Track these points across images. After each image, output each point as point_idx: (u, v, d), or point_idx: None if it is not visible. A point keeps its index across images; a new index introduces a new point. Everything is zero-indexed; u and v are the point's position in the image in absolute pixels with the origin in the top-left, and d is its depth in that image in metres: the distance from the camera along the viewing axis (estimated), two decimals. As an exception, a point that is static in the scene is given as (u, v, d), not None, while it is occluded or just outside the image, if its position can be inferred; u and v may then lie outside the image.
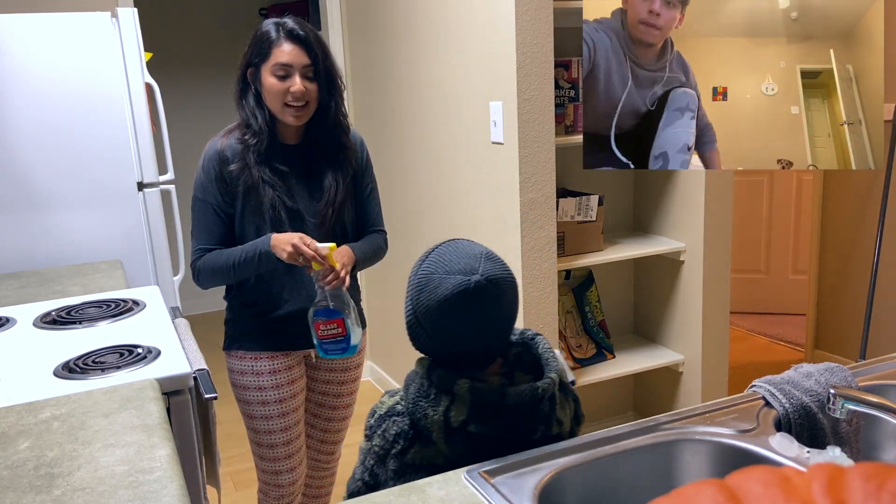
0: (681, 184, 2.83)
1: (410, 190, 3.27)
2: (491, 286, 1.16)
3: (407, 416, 1.20)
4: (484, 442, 1.16)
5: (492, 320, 1.19)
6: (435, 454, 1.18)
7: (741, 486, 0.62)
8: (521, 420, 1.16)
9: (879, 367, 1.46)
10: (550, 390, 1.19)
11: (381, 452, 1.21)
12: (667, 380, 3.03)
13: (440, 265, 1.20)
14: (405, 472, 1.18)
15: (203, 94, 5.16)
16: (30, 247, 2.66)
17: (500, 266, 1.20)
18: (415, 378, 1.21)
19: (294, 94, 1.83)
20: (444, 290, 1.17)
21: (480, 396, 1.15)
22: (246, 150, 1.89)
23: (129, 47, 2.70)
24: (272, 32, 1.85)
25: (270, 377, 2.00)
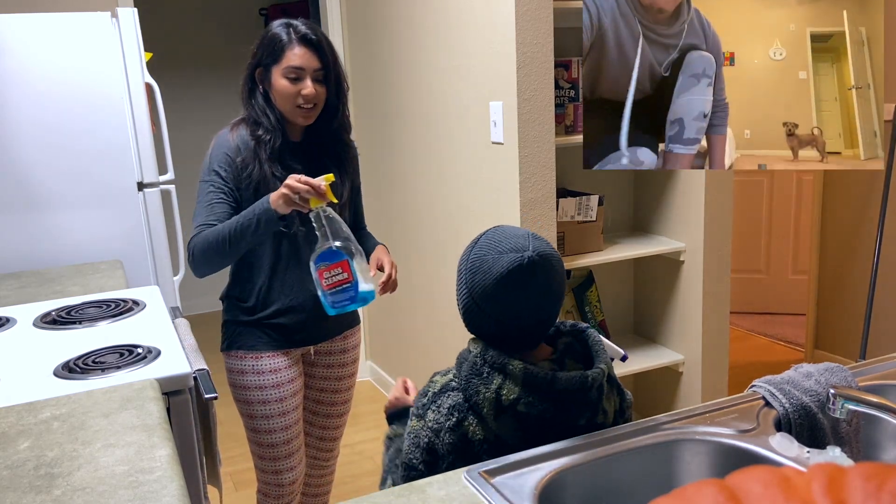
0: (681, 184, 2.83)
1: (410, 190, 3.27)
2: (543, 261, 1.23)
3: (460, 392, 1.24)
4: (531, 422, 1.20)
5: (545, 294, 1.24)
6: (486, 430, 1.22)
7: (741, 486, 0.62)
8: (568, 405, 1.21)
9: (879, 367, 1.46)
10: (599, 380, 1.23)
11: (436, 426, 1.24)
12: (667, 380, 3.03)
13: (491, 247, 1.25)
14: (464, 445, 1.22)
15: (203, 94, 5.16)
16: (30, 247, 2.66)
17: (546, 243, 1.27)
18: (468, 356, 1.26)
19: (305, 97, 1.87)
20: (500, 267, 1.22)
21: (532, 377, 1.19)
22: (258, 147, 1.91)
23: (129, 47, 2.70)
24: (284, 35, 1.87)
25: (272, 376, 2.01)
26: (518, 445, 1.21)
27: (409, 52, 3.10)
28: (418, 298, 3.35)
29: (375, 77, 3.46)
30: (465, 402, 1.23)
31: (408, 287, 3.45)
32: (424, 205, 3.17)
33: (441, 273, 3.09)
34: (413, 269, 3.37)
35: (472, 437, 1.21)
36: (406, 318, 3.49)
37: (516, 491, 1.08)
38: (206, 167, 1.96)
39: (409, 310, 3.45)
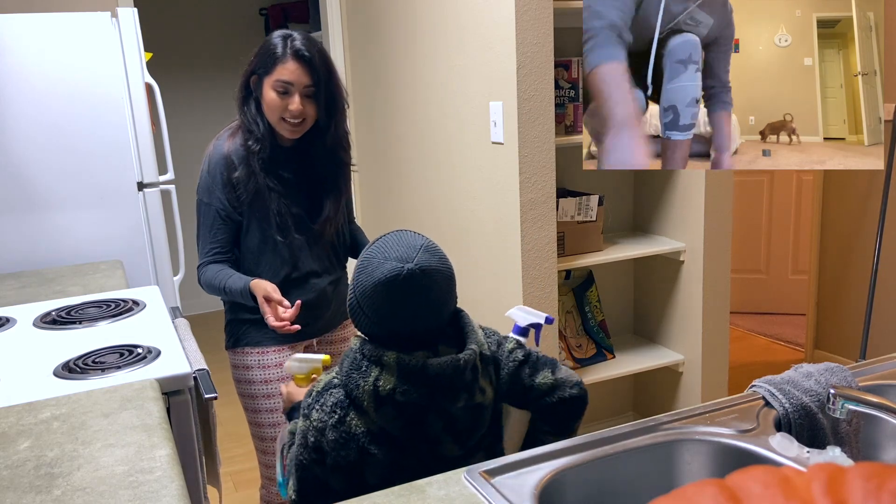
0: (681, 184, 2.83)
1: (410, 190, 3.27)
2: (422, 275, 1.24)
3: (341, 388, 1.27)
4: (410, 410, 1.23)
5: (420, 306, 1.26)
6: (369, 422, 1.25)
7: (741, 486, 0.62)
8: (444, 389, 1.24)
9: (879, 367, 1.46)
10: (472, 361, 1.27)
11: (320, 425, 1.27)
12: (667, 380, 3.03)
13: (381, 251, 1.28)
14: (345, 440, 1.25)
15: (203, 94, 5.16)
16: (30, 247, 2.66)
17: (436, 258, 1.28)
18: (349, 353, 1.29)
19: (291, 113, 1.88)
20: (379, 273, 1.25)
21: (405, 366, 1.22)
22: (250, 156, 1.93)
23: (129, 47, 2.70)
24: (279, 48, 1.87)
25: (277, 370, 2.04)
26: (401, 433, 1.25)
27: (410, 52, 3.10)
28: (418, 298, 3.35)
29: (375, 77, 3.46)
30: (346, 398, 1.26)
31: (408, 287, 3.45)
32: (425, 205, 3.17)
33: (441, 273, 3.09)
34: (413, 269, 3.37)
35: (355, 430, 1.24)
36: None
37: (516, 491, 1.08)
38: (203, 185, 1.99)
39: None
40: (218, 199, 1.95)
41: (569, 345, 2.87)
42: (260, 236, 1.97)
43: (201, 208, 2.00)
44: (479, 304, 2.81)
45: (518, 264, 2.51)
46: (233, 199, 1.95)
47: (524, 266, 2.51)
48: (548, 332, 2.59)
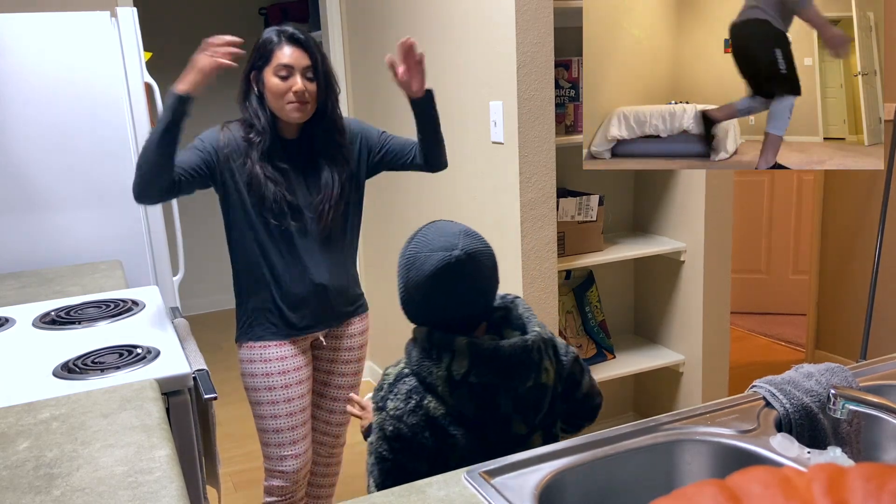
0: (681, 184, 2.83)
1: (410, 190, 3.27)
2: (470, 259, 1.30)
3: (413, 376, 1.32)
4: (483, 391, 1.29)
5: (473, 289, 1.32)
6: (445, 405, 1.30)
7: (742, 486, 0.62)
8: (515, 369, 1.30)
9: (880, 367, 1.46)
10: (538, 342, 1.33)
11: (397, 413, 1.30)
12: (667, 380, 3.03)
13: (424, 244, 1.33)
14: (426, 424, 1.29)
15: (203, 94, 5.16)
16: (30, 247, 2.66)
17: (478, 240, 1.34)
18: (415, 344, 1.34)
19: (296, 93, 1.94)
20: (429, 266, 1.30)
21: (478, 349, 1.28)
22: (249, 148, 1.99)
23: (129, 47, 2.70)
24: (274, 37, 1.97)
25: (278, 363, 2.08)
26: (476, 414, 1.29)
27: (409, 52, 3.10)
28: (418, 298, 3.35)
29: (375, 77, 3.46)
30: (420, 385, 1.31)
31: (408, 287, 3.45)
32: (424, 205, 3.17)
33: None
34: (413, 270, 3.37)
35: (434, 413, 1.29)
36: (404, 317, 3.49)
37: (516, 491, 1.08)
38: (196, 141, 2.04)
39: (409, 310, 3.44)
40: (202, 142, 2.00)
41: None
42: (262, 225, 2.01)
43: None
44: (479, 304, 2.81)
45: (518, 264, 2.51)
46: (214, 159, 1.98)
47: (524, 266, 2.50)
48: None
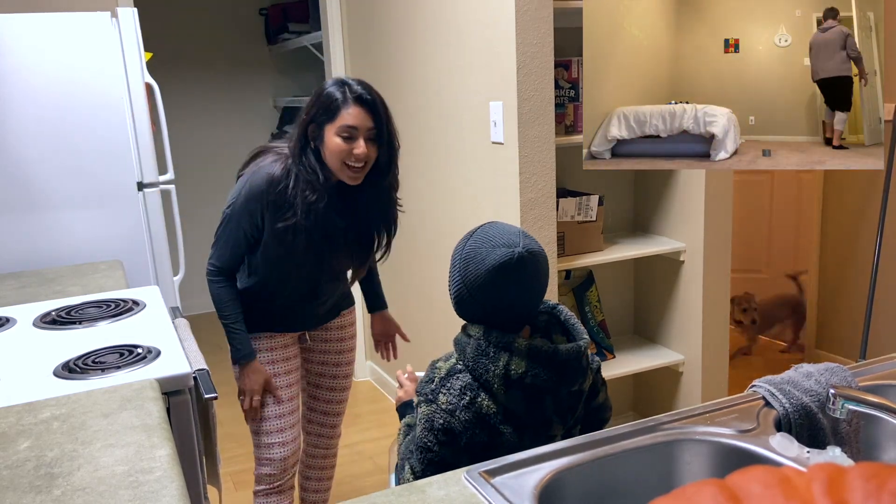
0: (681, 184, 2.83)
1: (410, 190, 3.27)
2: (530, 257, 1.33)
3: (468, 373, 1.35)
4: (536, 392, 1.33)
5: (529, 289, 1.35)
6: (497, 403, 1.33)
7: (741, 486, 0.62)
8: (567, 372, 1.34)
9: (879, 367, 1.46)
10: (587, 349, 1.39)
11: (450, 407, 1.33)
12: (667, 380, 3.03)
13: (485, 241, 1.35)
14: (479, 420, 1.32)
15: (203, 95, 5.16)
16: (30, 247, 2.66)
17: (535, 242, 1.38)
18: (469, 341, 1.36)
19: (357, 156, 1.90)
20: (491, 260, 1.33)
21: (537, 351, 1.32)
22: (296, 202, 1.93)
23: (129, 47, 2.70)
24: (339, 94, 1.89)
25: (267, 354, 2.13)
26: (524, 414, 1.33)
27: (410, 52, 3.10)
28: (418, 299, 3.35)
29: (375, 78, 3.46)
30: (475, 381, 1.33)
31: (407, 287, 3.45)
32: (425, 205, 3.17)
33: (441, 273, 3.09)
34: (413, 270, 3.37)
35: (487, 411, 1.32)
36: (405, 317, 3.49)
37: (516, 491, 1.08)
38: (245, 191, 1.97)
39: (408, 310, 3.45)
40: (247, 226, 1.99)
41: (569, 345, 2.87)
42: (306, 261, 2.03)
43: (227, 223, 2.01)
44: (479, 304, 2.81)
45: (518, 264, 2.51)
46: (265, 219, 1.97)
47: (524, 266, 2.50)
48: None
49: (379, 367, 3.90)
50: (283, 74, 5.36)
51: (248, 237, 2.00)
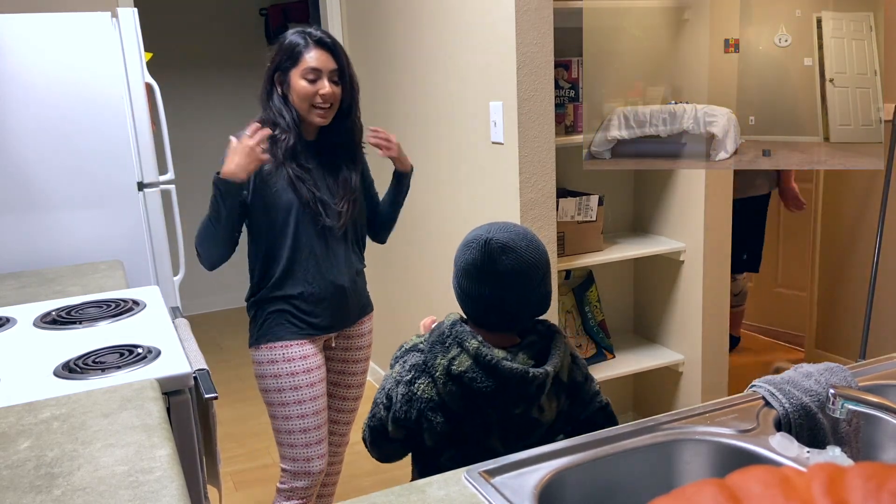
0: (681, 184, 2.83)
1: (411, 190, 3.27)
2: (500, 249, 1.35)
3: (423, 354, 1.40)
4: (474, 393, 1.34)
5: (507, 285, 1.35)
6: (434, 392, 1.37)
7: (741, 485, 0.62)
8: (507, 391, 1.33)
9: (879, 367, 1.46)
10: (541, 379, 1.34)
11: (398, 378, 1.42)
12: (667, 380, 3.03)
13: (481, 230, 1.40)
14: (411, 399, 1.38)
15: (203, 94, 5.16)
16: (30, 247, 2.66)
17: (524, 243, 1.38)
18: (440, 326, 1.40)
19: (323, 97, 1.99)
20: (465, 239, 1.40)
21: (481, 357, 1.33)
22: (275, 146, 2.00)
23: (129, 47, 2.70)
24: (301, 40, 2.00)
25: (302, 362, 2.08)
26: (459, 412, 1.35)
27: (410, 52, 3.10)
28: (418, 298, 3.35)
29: (375, 77, 3.46)
30: (423, 364, 1.39)
31: (408, 287, 3.45)
32: (425, 205, 3.17)
33: (441, 273, 3.09)
34: (413, 269, 3.37)
35: (421, 395, 1.37)
36: (406, 317, 3.49)
37: (516, 491, 1.08)
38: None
39: (409, 310, 3.45)
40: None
41: (569, 345, 2.87)
42: (294, 224, 2.03)
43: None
44: (479, 304, 2.81)
45: (518, 264, 2.51)
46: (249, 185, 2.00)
47: (524, 266, 2.50)
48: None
49: (379, 367, 3.90)
50: (283, 74, 5.35)
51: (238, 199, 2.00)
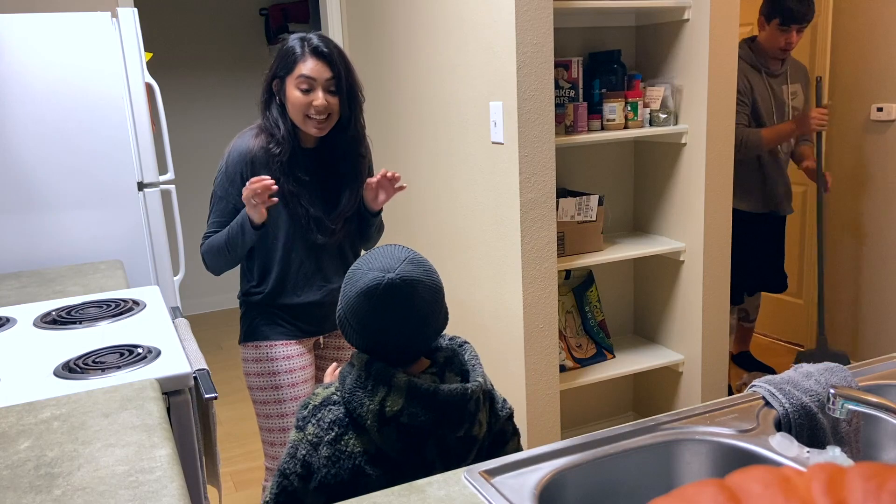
0: (681, 184, 2.83)
1: (410, 190, 3.27)
2: (403, 285, 1.24)
3: (342, 406, 1.26)
4: (413, 433, 1.22)
5: (403, 318, 1.25)
6: (368, 442, 1.24)
7: (741, 485, 0.62)
8: (449, 416, 1.24)
9: (879, 367, 1.46)
10: (478, 393, 1.27)
11: (315, 440, 1.26)
12: (667, 380, 3.03)
13: (366, 263, 1.28)
14: (339, 459, 1.24)
15: (203, 94, 5.16)
16: (30, 247, 2.66)
17: (420, 270, 1.28)
18: (351, 371, 1.27)
19: (316, 108, 1.92)
20: (362, 284, 1.26)
21: (416, 390, 1.22)
22: (271, 160, 1.97)
23: (129, 47, 2.70)
24: (297, 47, 1.93)
25: (284, 362, 2.09)
26: (398, 457, 1.23)
27: (409, 52, 3.10)
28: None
29: (375, 77, 3.47)
30: (346, 417, 1.25)
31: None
32: (424, 205, 3.17)
33: (441, 274, 3.09)
34: (413, 269, 3.37)
35: (352, 450, 1.23)
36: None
37: (516, 491, 1.08)
38: (224, 168, 2.02)
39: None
40: (233, 195, 2.00)
41: (569, 345, 2.87)
42: (284, 235, 2.02)
43: (215, 200, 2.04)
44: (479, 303, 2.81)
45: (518, 264, 2.51)
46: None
47: (524, 266, 2.51)
48: (548, 332, 2.59)
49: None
50: (283, 74, 5.36)
51: (238, 206, 2.00)
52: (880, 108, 3.40)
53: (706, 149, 2.68)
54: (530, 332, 2.53)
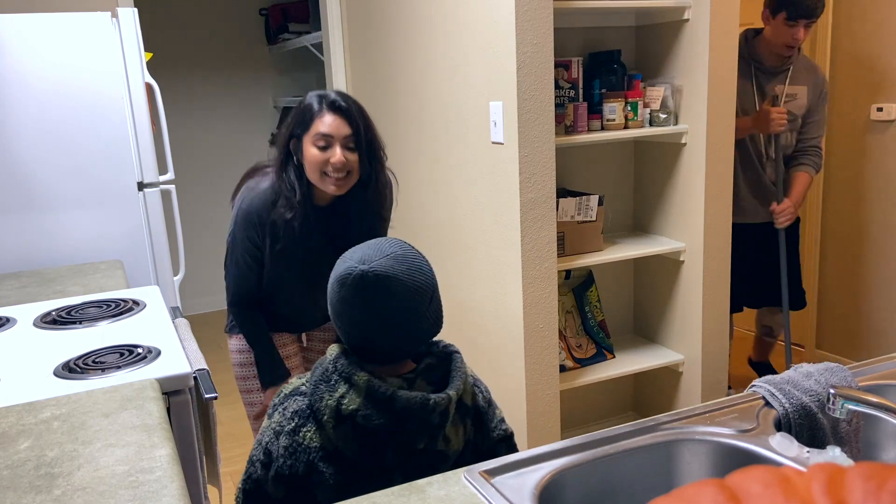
0: (681, 184, 2.83)
1: (410, 190, 3.27)
2: (375, 279, 1.19)
3: (307, 398, 1.24)
4: (369, 435, 1.19)
5: (375, 313, 1.20)
6: (325, 438, 1.21)
7: (741, 485, 0.62)
8: (407, 424, 1.19)
9: (879, 367, 1.46)
10: (443, 406, 1.20)
11: (278, 429, 1.24)
12: (667, 380, 3.03)
13: (353, 251, 1.25)
14: (296, 451, 1.21)
15: (203, 94, 5.16)
16: (30, 247, 2.66)
17: (403, 268, 1.22)
18: (322, 363, 1.25)
19: (334, 165, 1.85)
20: (338, 271, 1.23)
21: (374, 391, 1.18)
22: (276, 224, 1.93)
23: (129, 47, 2.70)
24: (315, 104, 1.86)
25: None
26: (354, 458, 1.20)
27: (409, 52, 3.10)
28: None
29: (375, 78, 3.47)
30: (308, 409, 1.22)
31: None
32: (425, 205, 3.17)
33: (440, 274, 3.09)
34: (413, 269, 3.37)
35: (308, 444, 1.20)
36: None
37: (516, 491, 1.08)
38: (239, 218, 1.96)
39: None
40: (247, 249, 1.98)
41: (569, 345, 2.87)
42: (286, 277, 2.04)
43: (234, 238, 2.00)
44: (479, 303, 2.81)
45: (518, 264, 2.51)
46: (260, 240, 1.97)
47: (524, 266, 2.51)
48: (548, 332, 2.59)
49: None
50: (283, 74, 5.36)
51: (255, 261, 1.99)
52: (880, 108, 3.40)
53: (706, 149, 2.68)
54: (530, 332, 2.53)
